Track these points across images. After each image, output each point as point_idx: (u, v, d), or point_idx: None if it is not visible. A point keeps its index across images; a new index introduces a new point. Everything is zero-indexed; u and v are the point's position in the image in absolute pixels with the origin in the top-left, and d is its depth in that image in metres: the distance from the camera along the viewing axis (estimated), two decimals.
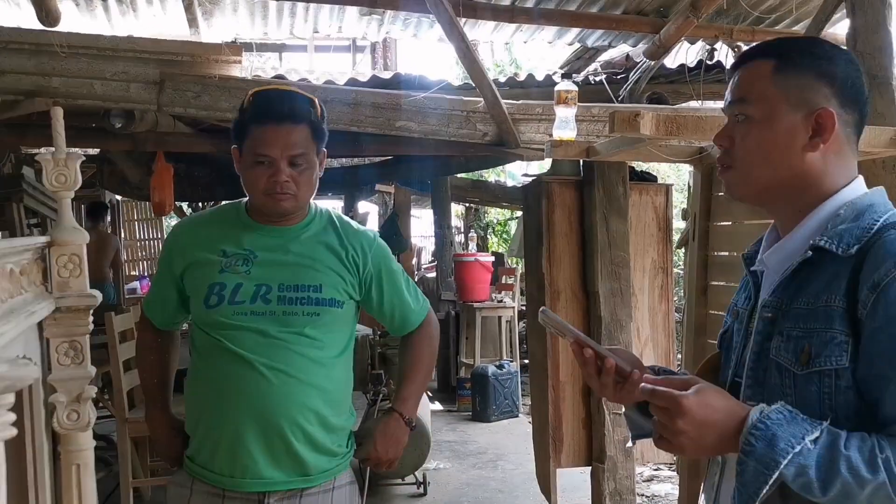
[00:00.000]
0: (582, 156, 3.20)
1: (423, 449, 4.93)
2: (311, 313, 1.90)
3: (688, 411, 1.12)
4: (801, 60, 1.25)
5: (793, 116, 1.23)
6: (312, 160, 1.91)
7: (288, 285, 1.90)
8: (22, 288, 1.18)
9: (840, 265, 1.17)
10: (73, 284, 1.31)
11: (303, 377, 1.88)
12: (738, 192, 1.31)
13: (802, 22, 4.35)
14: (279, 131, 1.85)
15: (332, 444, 1.94)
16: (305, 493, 1.90)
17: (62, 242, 1.32)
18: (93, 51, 3.39)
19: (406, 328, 2.16)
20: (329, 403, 1.93)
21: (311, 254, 1.96)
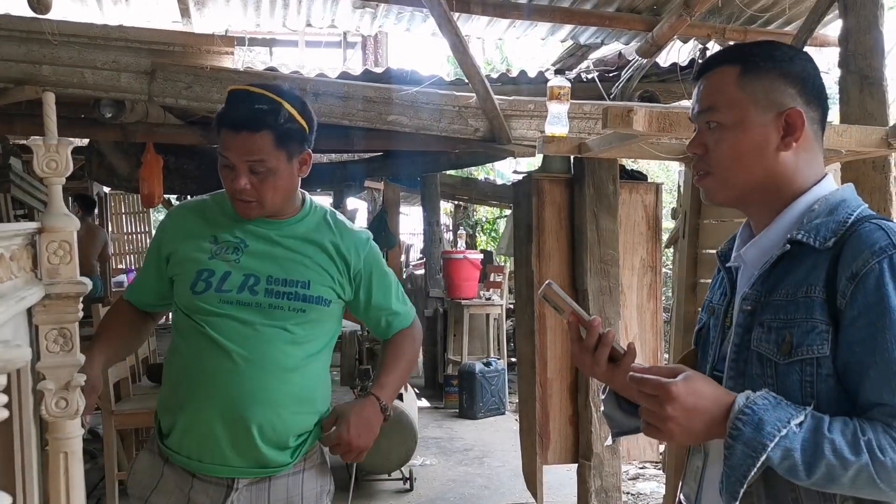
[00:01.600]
0: (574, 152, 3.20)
1: (409, 445, 4.94)
2: (296, 309, 1.89)
3: (676, 398, 1.15)
4: (764, 63, 1.29)
5: (763, 118, 1.28)
6: (275, 166, 1.85)
7: (276, 279, 1.89)
8: (12, 273, 1.17)
9: (818, 257, 1.22)
10: (63, 271, 1.30)
11: (278, 374, 1.85)
12: (718, 197, 1.34)
13: (795, 22, 4.36)
14: (237, 138, 1.82)
15: (297, 442, 1.92)
16: (273, 478, 1.89)
17: (53, 229, 1.30)
18: (84, 39, 3.36)
19: (391, 332, 2.14)
20: (303, 401, 1.91)
21: (303, 249, 1.94)
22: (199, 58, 3.54)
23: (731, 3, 4.05)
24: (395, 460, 4.95)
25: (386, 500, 4.94)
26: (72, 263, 1.30)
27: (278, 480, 1.90)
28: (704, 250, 3.33)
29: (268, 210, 1.90)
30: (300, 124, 1.90)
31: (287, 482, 1.91)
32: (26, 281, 1.23)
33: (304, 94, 3.62)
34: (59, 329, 1.29)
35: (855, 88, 2.87)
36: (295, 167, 1.92)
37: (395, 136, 4.05)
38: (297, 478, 1.93)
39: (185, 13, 4.46)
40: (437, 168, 6.99)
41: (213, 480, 1.86)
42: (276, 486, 1.90)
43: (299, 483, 1.93)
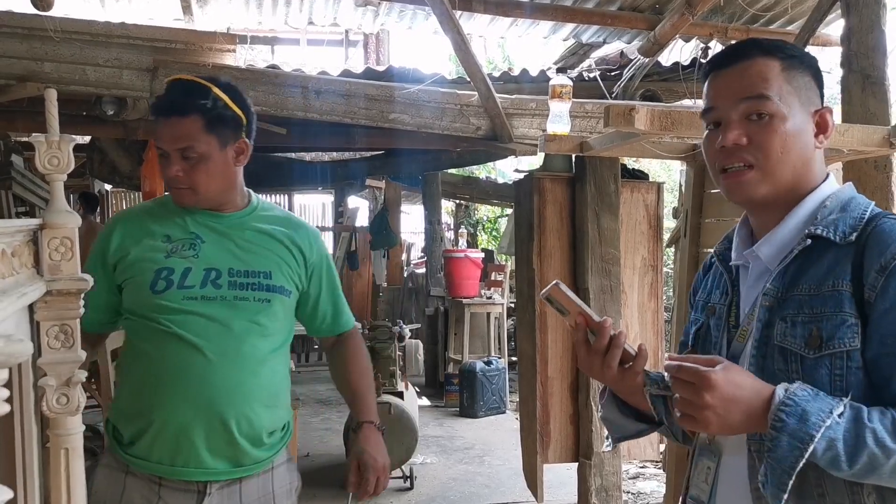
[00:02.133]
0: (575, 150, 3.20)
1: (409, 443, 4.94)
2: (262, 299, 1.88)
3: (715, 386, 1.13)
4: (801, 61, 1.30)
5: (803, 115, 1.28)
6: (206, 152, 1.83)
7: (238, 270, 1.87)
8: (14, 269, 1.17)
9: (839, 252, 1.22)
10: (65, 268, 1.30)
11: (250, 368, 1.84)
12: (759, 191, 1.29)
13: (797, 21, 4.36)
14: (167, 124, 1.82)
15: (271, 439, 1.92)
16: (245, 480, 1.88)
17: (54, 225, 1.30)
18: (86, 36, 3.36)
19: (336, 329, 2.12)
20: (272, 396, 1.91)
21: (259, 241, 1.93)
22: (200, 55, 3.54)
23: (734, 3, 4.05)
24: (396, 459, 4.95)
25: (387, 498, 4.93)
26: (73, 260, 1.30)
27: (249, 481, 1.88)
28: (706, 249, 3.32)
29: (202, 197, 1.87)
30: (233, 111, 1.87)
31: (258, 482, 1.90)
32: (28, 277, 1.23)
33: (306, 92, 3.62)
34: (61, 325, 1.29)
35: (857, 88, 2.86)
36: (230, 155, 1.88)
37: (396, 134, 4.05)
38: (267, 476, 1.92)
39: (186, 10, 4.46)
40: (439, 167, 7.01)
41: (183, 486, 1.82)
42: (248, 487, 1.88)
43: (269, 481, 1.92)
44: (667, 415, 1.46)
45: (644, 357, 1.36)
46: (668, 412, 1.45)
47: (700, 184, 3.35)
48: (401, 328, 5.52)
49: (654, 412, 1.46)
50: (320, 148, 6.98)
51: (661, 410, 1.46)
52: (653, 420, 1.50)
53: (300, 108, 3.64)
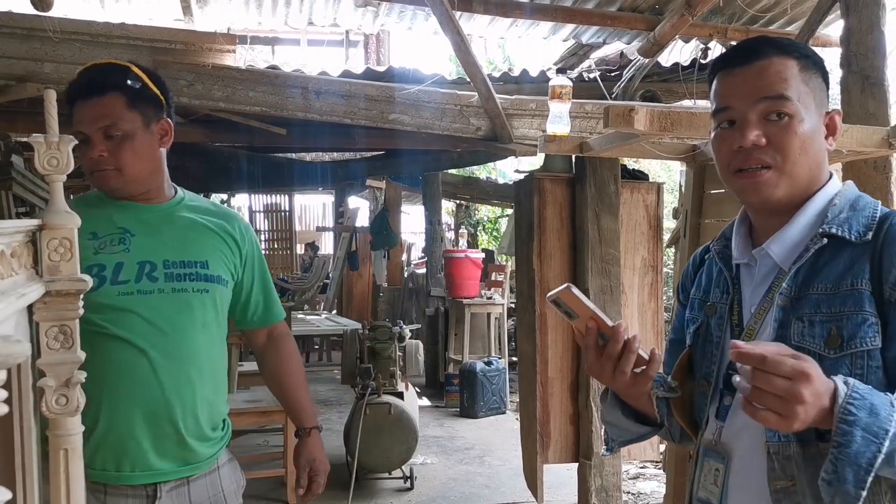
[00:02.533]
0: (575, 151, 3.20)
1: (410, 444, 4.94)
2: (200, 290, 1.83)
3: (813, 381, 1.04)
4: (814, 62, 1.30)
5: (818, 117, 1.28)
6: (131, 130, 1.76)
7: (174, 261, 1.81)
8: (13, 270, 1.17)
9: (854, 251, 1.22)
10: (64, 268, 1.30)
11: (194, 363, 1.81)
12: (776, 193, 1.27)
13: (796, 22, 4.36)
14: (87, 105, 1.74)
15: (215, 432, 1.90)
16: (192, 479, 1.85)
17: (53, 226, 1.30)
18: (85, 37, 3.37)
19: (267, 321, 2.08)
20: (216, 391, 1.88)
21: (191, 230, 1.88)
22: (200, 56, 3.54)
23: (733, 3, 4.05)
24: (396, 459, 4.96)
25: (386, 498, 4.94)
26: (72, 261, 1.30)
27: (197, 482, 1.85)
28: None
29: (128, 178, 1.79)
30: (153, 91, 1.82)
31: (206, 482, 1.87)
32: (27, 278, 1.23)
33: (306, 93, 3.63)
34: (60, 326, 1.29)
35: (856, 89, 2.87)
36: (154, 135, 1.83)
37: (396, 134, 4.05)
38: (215, 476, 1.90)
39: (186, 11, 4.46)
40: (439, 167, 7.02)
41: (130, 492, 1.76)
42: (196, 487, 1.85)
43: (218, 481, 1.90)
44: (668, 416, 1.45)
45: (657, 362, 1.31)
46: (670, 414, 1.44)
47: (700, 184, 3.35)
48: (401, 328, 5.52)
49: (657, 414, 1.45)
50: (320, 148, 6.99)
51: (664, 413, 1.44)
52: (654, 422, 1.48)
53: (300, 108, 3.65)
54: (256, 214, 15.13)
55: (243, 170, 5.78)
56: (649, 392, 1.39)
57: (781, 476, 1.21)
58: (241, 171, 5.78)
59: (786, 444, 1.21)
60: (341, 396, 7.66)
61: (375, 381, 4.97)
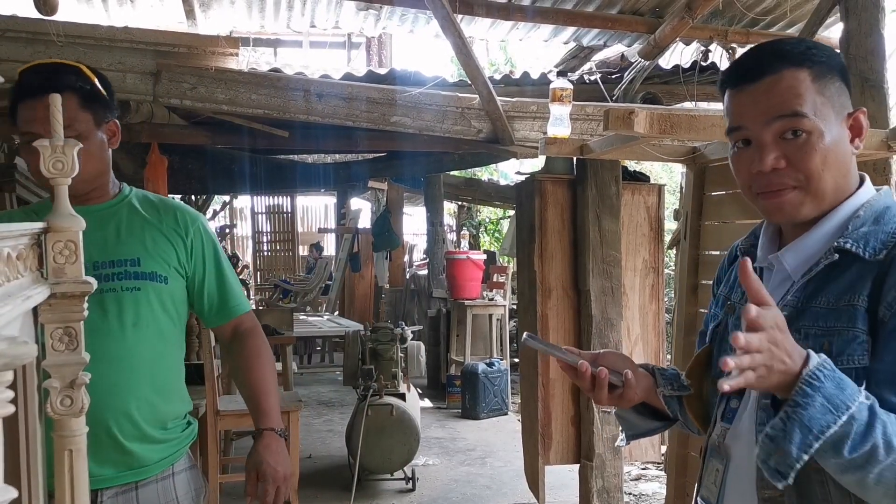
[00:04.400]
0: (576, 153, 3.22)
1: (412, 445, 4.95)
2: (130, 288, 1.79)
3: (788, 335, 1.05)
4: (829, 66, 1.22)
5: (838, 123, 1.21)
6: (84, 131, 1.74)
7: (102, 262, 1.78)
8: (18, 273, 1.18)
9: (864, 267, 1.16)
10: (69, 271, 1.31)
11: (128, 364, 1.75)
12: (802, 212, 1.22)
13: (796, 25, 4.37)
14: (40, 105, 1.67)
15: (164, 434, 1.84)
16: (140, 484, 1.79)
17: (58, 228, 1.31)
18: (89, 41, 3.39)
19: (225, 315, 1.99)
20: (158, 391, 1.82)
21: (129, 228, 1.85)
22: (203, 59, 3.56)
23: (733, 6, 4.06)
24: (398, 460, 4.97)
25: (388, 499, 4.95)
26: (77, 263, 1.31)
27: (146, 487, 1.80)
28: (706, 252, 3.34)
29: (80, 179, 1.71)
30: (102, 92, 1.82)
31: (157, 488, 1.81)
32: (32, 280, 1.24)
33: (308, 96, 3.65)
34: (65, 328, 1.30)
35: (856, 91, 2.87)
36: (104, 136, 1.82)
37: (398, 136, 4.06)
38: (168, 483, 1.84)
39: (189, 14, 4.48)
40: (441, 169, 7.02)
41: None
42: (145, 493, 1.79)
43: (171, 488, 1.84)
44: (681, 412, 1.45)
45: (630, 385, 1.33)
46: (683, 410, 1.44)
47: (700, 186, 3.37)
48: (403, 330, 5.53)
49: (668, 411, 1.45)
50: (322, 150, 7.00)
51: (676, 409, 1.45)
52: (668, 417, 1.48)
53: (302, 111, 3.66)
54: (259, 216, 15.14)
55: (246, 172, 5.79)
56: (655, 390, 1.41)
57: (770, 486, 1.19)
58: (244, 173, 5.79)
59: None
60: (343, 398, 7.67)
61: (377, 383, 4.98)
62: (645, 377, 1.41)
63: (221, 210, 13.33)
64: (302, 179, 7.16)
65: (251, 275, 14.19)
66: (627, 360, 1.42)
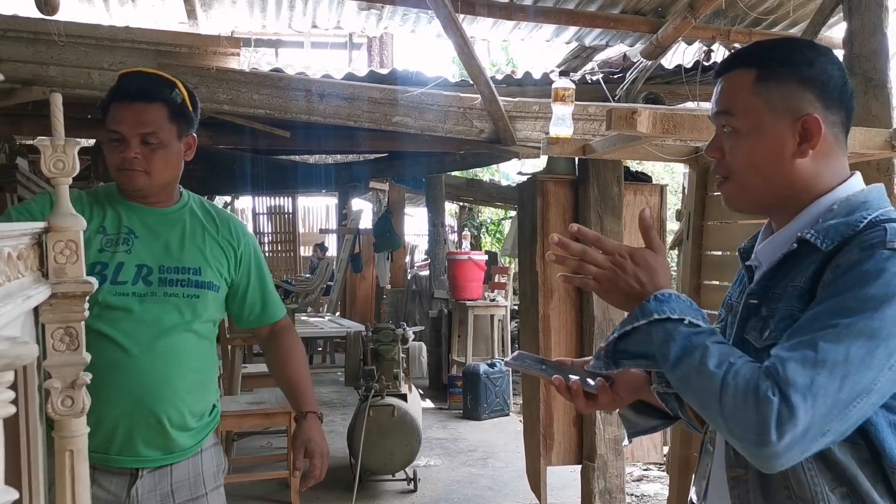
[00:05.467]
0: (578, 153, 3.21)
1: (413, 446, 4.95)
2: (190, 295, 1.94)
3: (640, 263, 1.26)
4: (781, 69, 1.25)
5: (779, 125, 1.24)
6: (167, 140, 1.91)
7: (168, 266, 1.93)
8: (19, 272, 1.18)
9: (820, 257, 1.20)
10: (70, 270, 1.31)
11: (177, 361, 1.91)
12: (737, 204, 1.34)
13: (799, 24, 4.36)
14: (131, 109, 1.87)
15: (199, 422, 1.99)
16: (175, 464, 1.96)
17: (59, 228, 1.31)
18: (91, 40, 3.38)
19: (265, 319, 2.19)
20: (201, 386, 1.99)
21: (191, 236, 2.00)
22: (205, 59, 3.55)
23: (736, 6, 4.05)
24: (399, 461, 4.96)
25: (390, 500, 4.94)
26: (78, 263, 1.31)
27: (179, 465, 1.96)
28: (709, 252, 3.33)
29: (154, 182, 1.93)
30: (189, 108, 1.97)
31: (188, 465, 1.98)
32: (33, 280, 1.24)
33: (310, 95, 3.64)
34: (66, 328, 1.30)
35: (859, 91, 2.87)
36: (182, 148, 1.98)
37: (399, 137, 4.06)
38: (197, 459, 2.00)
39: (191, 14, 4.48)
40: (442, 169, 7.02)
41: (116, 471, 1.89)
42: (178, 469, 1.96)
43: (199, 464, 2.01)
44: (681, 409, 1.47)
45: (605, 392, 1.40)
46: (682, 407, 1.46)
47: (703, 186, 3.36)
48: (404, 330, 5.53)
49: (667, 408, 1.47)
50: (324, 151, 7.00)
51: (675, 406, 1.46)
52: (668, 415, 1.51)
53: (304, 111, 3.66)
54: (260, 216, 15.14)
55: (247, 172, 5.79)
56: (650, 387, 1.44)
57: (736, 465, 1.27)
58: (245, 174, 5.79)
59: None
60: (345, 398, 7.66)
61: (378, 384, 4.97)
62: (635, 376, 1.45)
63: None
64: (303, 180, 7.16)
65: None
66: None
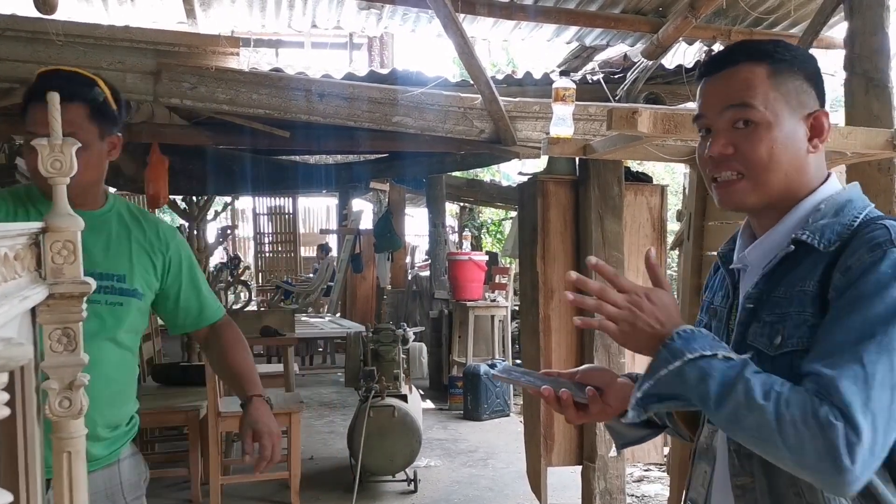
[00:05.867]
0: (579, 153, 3.20)
1: (413, 446, 4.94)
2: (114, 303, 1.88)
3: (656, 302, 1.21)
4: (790, 64, 1.27)
5: (793, 120, 1.26)
6: (87, 140, 1.80)
7: (90, 272, 1.85)
8: (16, 273, 1.17)
9: (818, 257, 1.20)
10: (67, 271, 1.30)
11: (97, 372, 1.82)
12: (748, 200, 1.29)
13: (800, 24, 4.35)
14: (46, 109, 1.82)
15: (113, 433, 1.94)
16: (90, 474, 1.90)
17: (57, 228, 1.30)
18: (89, 40, 3.37)
19: (203, 321, 2.13)
20: (117, 397, 1.93)
21: (116, 242, 1.93)
22: (204, 58, 3.55)
23: (737, 5, 4.04)
24: (399, 461, 4.95)
25: (390, 501, 4.94)
26: (76, 263, 1.30)
27: (93, 475, 1.87)
28: (709, 252, 3.32)
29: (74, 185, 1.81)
30: (112, 106, 1.90)
31: (103, 475, 1.92)
32: (30, 280, 1.23)
33: (309, 95, 3.63)
34: (63, 329, 1.29)
35: (860, 91, 2.86)
36: (106, 147, 1.90)
37: (399, 137, 4.04)
38: (114, 469, 1.95)
39: (190, 14, 4.47)
40: (443, 169, 7.00)
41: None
42: (93, 480, 1.88)
43: (116, 474, 1.95)
44: (669, 419, 1.48)
45: (596, 402, 1.37)
46: (671, 416, 1.46)
47: (703, 186, 3.35)
48: (404, 331, 5.52)
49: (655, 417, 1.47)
50: (324, 151, 6.99)
51: (664, 415, 1.47)
52: (656, 424, 1.51)
53: (303, 111, 3.65)
54: (260, 217, 15.14)
55: (247, 172, 5.78)
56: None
57: (741, 472, 1.25)
58: (245, 174, 5.78)
59: None
60: (345, 399, 7.66)
61: (379, 384, 4.97)
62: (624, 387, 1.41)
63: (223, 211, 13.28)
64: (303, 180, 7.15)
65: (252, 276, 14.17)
66: (607, 373, 1.45)
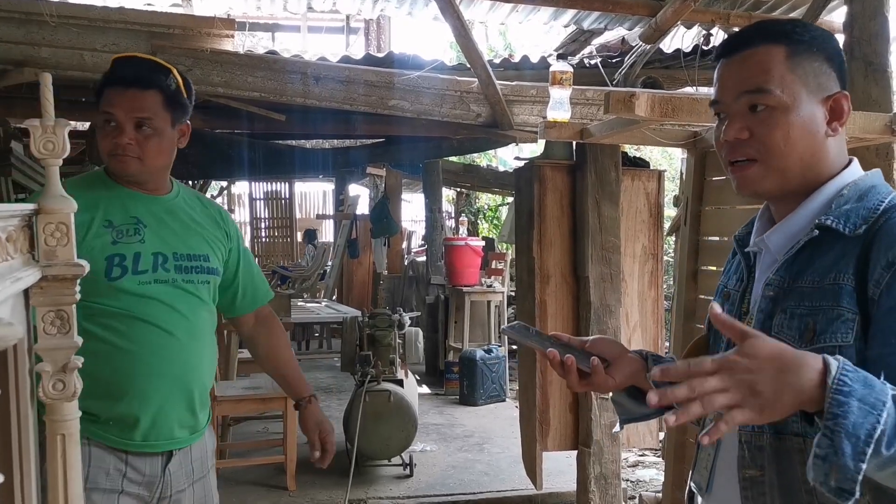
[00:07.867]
0: (576, 138, 3.19)
1: (409, 431, 4.95)
2: (203, 282, 2.01)
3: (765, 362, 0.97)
4: (809, 45, 1.24)
5: (811, 102, 1.23)
6: (160, 127, 1.92)
7: (182, 254, 1.98)
8: (8, 254, 1.16)
9: (847, 244, 1.17)
10: (61, 253, 1.29)
11: (205, 343, 2.02)
12: (764, 186, 1.26)
13: (800, 8, 4.33)
14: (125, 94, 1.88)
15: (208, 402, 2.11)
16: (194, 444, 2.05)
17: (50, 210, 1.29)
18: (83, 21, 3.35)
19: (258, 300, 2.26)
20: (212, 367, 2.10)
21: (193, 224, 2.05)
22: (199, 41, 3.52)
23: None
24: (395, 446, 4.96)
25: (386, 485, 4.95)
26: (69, 245, 1.29)
27: (195, 445, 2.05)
28: (706, 238, 3.32)
29: (146, 168, 1.94)
30: (184, 96, 1.99)
31: (200, 444, 2.07)
32: (23, 262, 1.22)
33: (305, 78, 3.61)
34: (57, 311, 1.28)
35: (859, 75, 2.84)
36: (175, 135, 1.99)
37: (396, 121, 4.03)
38: (204, 438, 2.09)
39: None
40: (439, 154, 6.99)
41: (152, 454, 1.93)
42: (195, 448, 2.05)
43: (204, 442, 2.09)
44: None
45: (598, 373, 1.34)
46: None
47: (700, 171, 3.34)
48: (401, 316, 5.52)
49: None
50: (320, 135, 6.97)
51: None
52: None
53: (299, 94, 3.63)
54: (257, 202, 15.12)
55: (243, 157, 5.76)
56: (645, 375, 1.40)
57: (751, 465, 1.22)
58: (241, 158, 5.76)
59: (758, 434, 1.21)
60: (341, 384, 7.66)
61: (375, 369, 4.97)
62: (632, 361, 1.40)
63: (219, 195, 13.31)
64: (300, 165, 7.14)
65: None
66: (617, 345, 1.43)
